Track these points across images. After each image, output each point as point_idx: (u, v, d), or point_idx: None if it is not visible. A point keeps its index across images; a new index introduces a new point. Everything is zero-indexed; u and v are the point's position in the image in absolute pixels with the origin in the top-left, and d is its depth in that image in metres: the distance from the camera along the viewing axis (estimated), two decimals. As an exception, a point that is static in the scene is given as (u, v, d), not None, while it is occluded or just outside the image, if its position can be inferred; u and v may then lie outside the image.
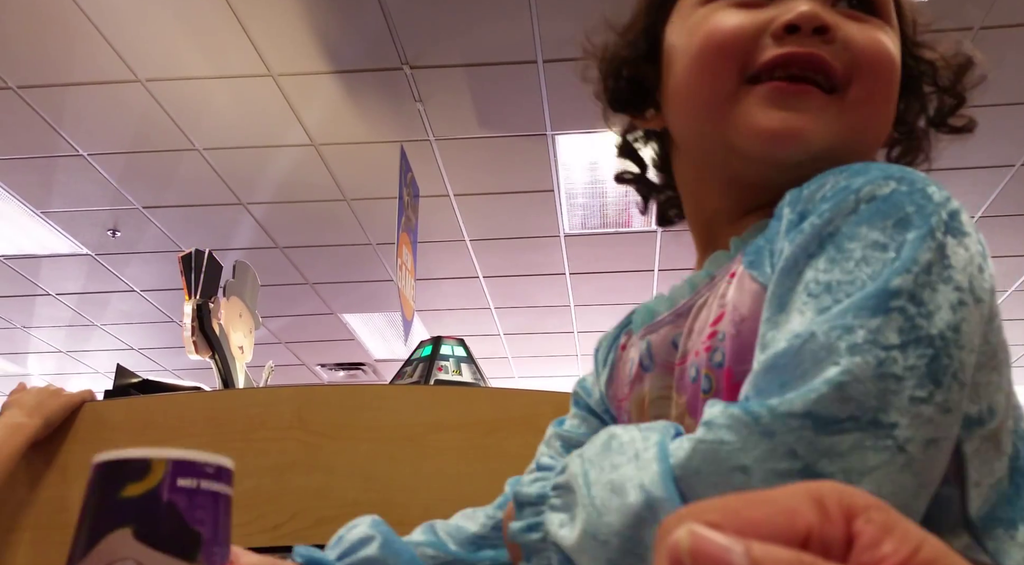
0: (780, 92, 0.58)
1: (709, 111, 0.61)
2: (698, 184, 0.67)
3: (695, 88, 0.62)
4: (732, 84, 0.59)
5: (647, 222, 4.65)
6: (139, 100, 3.61)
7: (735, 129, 0.59)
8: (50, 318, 5.77)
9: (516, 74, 3.48)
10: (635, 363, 0.64)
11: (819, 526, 0.23)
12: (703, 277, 0.60)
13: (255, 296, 1.97)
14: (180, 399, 1.25)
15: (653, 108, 0.69)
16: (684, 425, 0.56)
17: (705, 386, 0.55)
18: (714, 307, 0.57)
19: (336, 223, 4.66)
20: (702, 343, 0.56)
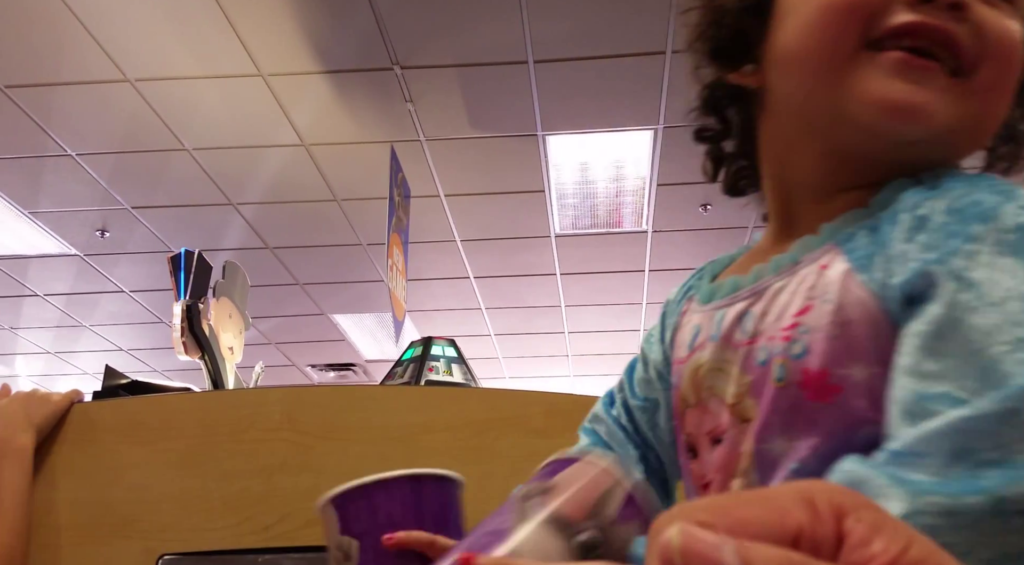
0: (906, 64, 0.54)
1: (824, 73, 0.57)
2: (788, 152, 0.63)
3: (812, 46, 0.58)
4: (852, 47, 0.56)
5: (637, 223, 4.66)
6: (128, 100, 3.59)
7: (851, 96, 0.56)
8: (38, 319, 5.74)
9: (507, 74, 3.48)
10: (700, 330, 0.62)
11: (809, 525, 0.23)
12: (787, 260, 0.58)
13: (245, 297, 1.96)
14: (170, 400, 1.25)
15: (752, 63, 0.65)
16: (743, 405, 0.56)
17: (779, 375, 0.53)
18: (798, 296, 0.55)
19: (326, 223, 4.65)
20: (780, 330, 0.54)
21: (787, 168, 0.64)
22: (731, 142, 0.72)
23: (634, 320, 5.99)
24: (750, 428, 0.55)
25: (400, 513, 0.60)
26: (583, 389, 7.17)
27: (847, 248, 0.54)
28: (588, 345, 6.41)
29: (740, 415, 0.56)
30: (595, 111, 3.71)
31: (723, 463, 0.57)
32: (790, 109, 0.62)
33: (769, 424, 0.54)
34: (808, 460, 0.51)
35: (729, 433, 0.57)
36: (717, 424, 0.59)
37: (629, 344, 6.39)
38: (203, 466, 1.15)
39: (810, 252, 0.57)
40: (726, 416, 0.57)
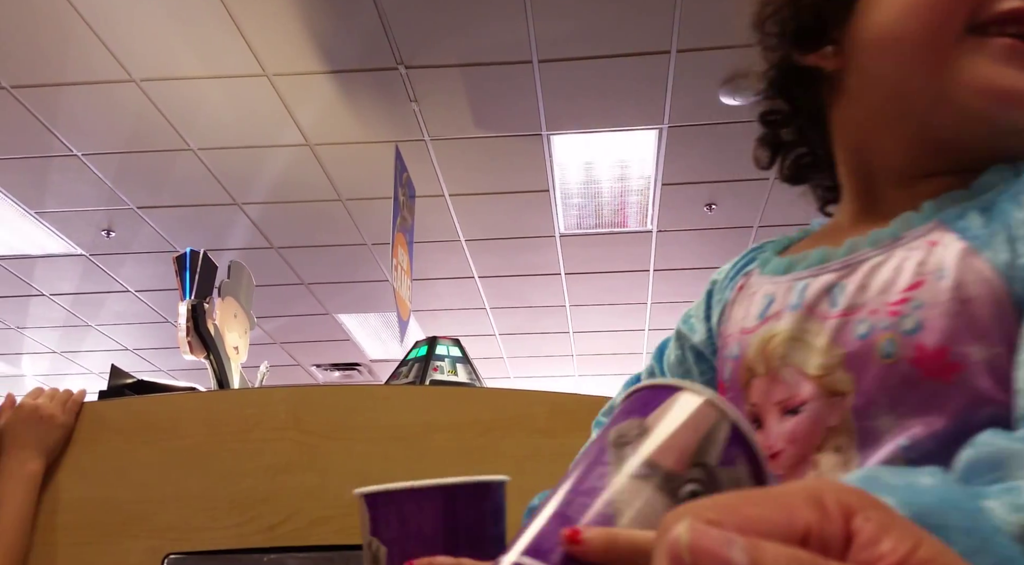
0: (1015, 51, 0.54)
1: (927, 56, 0.56)
2: (871, 136, 0.62)
3: (915, 29, 0.57)
4: (957, 31, 0.55)
5: (642, 222, 4.65)
6: (133, 100, 3.60)
7: (957, 81, 0.55)
8: (44, 318, 5.75)
9: (511, 74, 3.48)
10: (775, 300, 0.61)
11: (818, 524, 0.23)
12: (887, 235, 0.57)
13: (250, 296, 1.97)
14: (175, 400, 1.25)
15: (832, 45, 0.63)
16: (833, 378, 0.55)
17: (887, 350, 0.52)
18: (906, 271, 0.54)
19: (331, 223, 4.65)
20: (886, 305, 0.54)
21: (869, 152, 0.63)
22: (790, 129, 0.70)
23: (639, 320, 5.98)
24: (843, 402, 0.54)
25: (431, 526, 0.56)
26: (588, 389, 7.17)
27: (959, 227, 0.53)
28: (593, 345, 6.41)
29: (828, 388, 0.55)
30: (599, 110, 3.71)
31: (801, 435, 0.56)
32: (881, 92, 0.61)
33: (873, 400, 0.53)
34: (922, 439, 0.50)
35: (811, 405, 0.56)
36: (793, 394, 0.57)
37: (634, 343, 6.38)
38: (209, 465, 1.15)
39: (913, 229, 0.56)
40: (808, 387, 0.56)
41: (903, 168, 0.60)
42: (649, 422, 0.42)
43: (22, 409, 1.16)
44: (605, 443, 0.42)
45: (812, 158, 0.70)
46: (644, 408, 0.42)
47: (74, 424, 1.17)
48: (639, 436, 0.41)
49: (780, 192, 4.31)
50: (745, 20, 0.70)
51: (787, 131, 0.71)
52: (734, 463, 0.42)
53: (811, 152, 0.70)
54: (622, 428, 0.42)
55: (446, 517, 0.56)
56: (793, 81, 0.68)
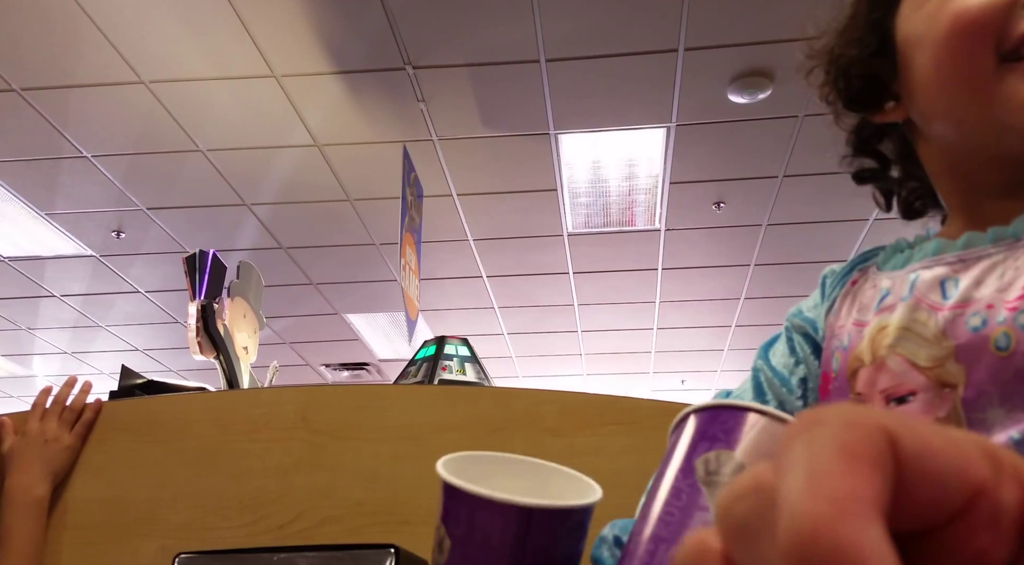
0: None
1: (970, 93, 0.59)
2: (961, 164, 0.65)
3: (949, 72, 0.60)
4: (989, 62, 0.57)
5: (650, 221, 4.65)
6: (143, 101, 3.62)
7: (1006, 108, 0.57)
8: (55, 319, 5.79)
9: (519, 74, 3.48)
10: (890, 293, 0.63)
11: (993, 484, 0.19)
12: (1008, 234, 0.58)
13: (259, 296, 1.97)
14: (185, 400, 1.25)
15: (892, 101, 0.68)
16: (944, 369, 0.55)
17: (1002, 344, 0.53)
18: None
19: (340, 223, 4.66)
20: (1005, 301, 0.54)
21: (965, 175, 0.65)
22: (895, 170, 0.74)
23: (647, 318, 5.97)
24: (954, 394, 0.55)
25: (499, 540, 0.53)
26: (596, 387, 7.16)
27: None
28: (601, 344, 6.40)
29: (940, 379, 0.56)
30: (607, 109, 3.71)
31: None
32: (948, 131, 0.64)
33: (985, 392, 0.53)
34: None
35: (923, 396, 0.56)
36: (900, 383, 0.58)
37: (642, 342, 6.38)
38: (218, 465, 1.15)
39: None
40: (918, 378, 0.57)
41: (1002, 182, 0.62)
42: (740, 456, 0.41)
43: (27, 433, 1.14)
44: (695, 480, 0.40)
45: (922, 191, 0.73)
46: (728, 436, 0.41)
47: (81, 447, 1.16)
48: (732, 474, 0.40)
49: (789, 190, 4.30)
50: (751, 18, 0.72)
51: (886, 181, 0.74)
52: None
53: (921, 186, 0.72)
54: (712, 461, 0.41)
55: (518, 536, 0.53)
56: (874, 138, 0.72)
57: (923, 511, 0.18)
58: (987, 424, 0.53)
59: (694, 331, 6.15)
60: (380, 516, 1.11)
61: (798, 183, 4.18)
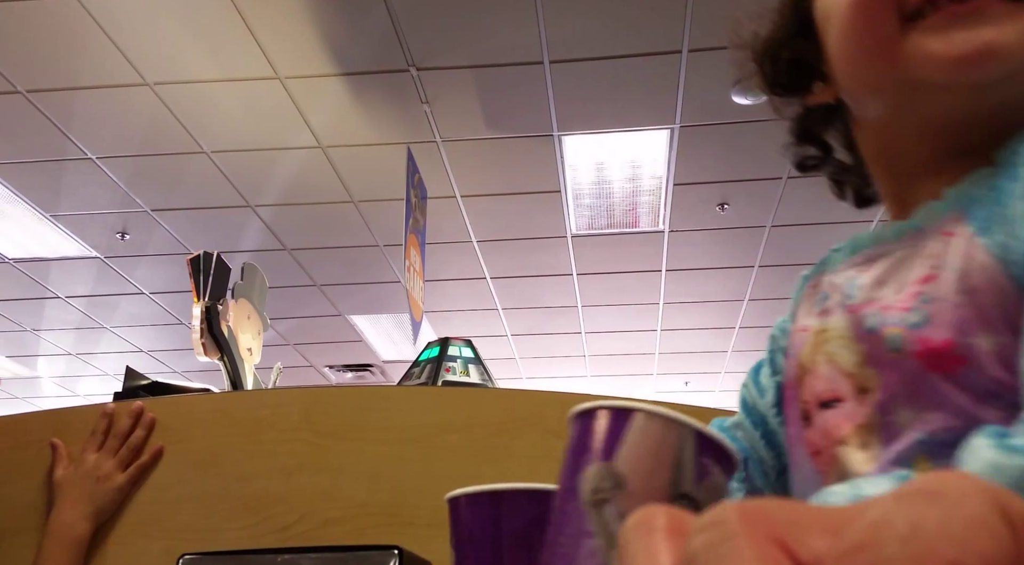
0: (952, 15, 0.53)
1: (879, 57, 0.57)
2: (886, 143, 0.63)
3: (856, 42, 0.59)
4: (893, 25, 0.55)
5: (654, 222, 4.65)
6: (147, 103, 3.63)
7: (912, 64, 0.54)
8: (59, 321, 5.80)
9: (522, 75, 3.48)
10: (830, 296, 0.62)
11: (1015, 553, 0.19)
12: (910, 227, 0.56)
13: (263, 298, 1.98)
14: (189, 401, 1.26)
15: (820, 81, 0.66)
16: (862, 374, 0.54)
17: (894, 345, 0.52)
18: (921, 265, 0.53)
19: (344, 225, 4.67)
20: (898, 299, 0.53)
21: (894, 156, 0.63)
22: (845, 157, 0.72)
23: (651, 320, 5.97)
24: (870, 399, 0.54)
25: (480, 529, 0.57)
26: (600, 389, 7.16)
27: (971, 213, 0.52)
28: (605, 345, 6.40)
29: (859, 384, 0.55)
30: (611, 111, 3.71)
31: (832, 430, 0.56)
32: (868, 102, 0.62)
33: (894, 395, 0.52)
34: (937, 432, 0.49)
35: (847, 403, 0.55)
36: (828, 388, 0.57)
37: (646, 344, 6.37)
38: (222, 466, 1.16)
39: (934, 219, 0.55)
40: (844, 384, 0.56)
41: (927, 158, 0.60)
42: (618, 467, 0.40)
43: (81, 464, 1.12)
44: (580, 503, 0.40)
45: (870, 179, 0.71)
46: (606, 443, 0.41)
47: (130, 488, 1.14)
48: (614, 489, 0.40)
49: (793, 191, 4.30)
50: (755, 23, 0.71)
51: (832, 168, 0.73)
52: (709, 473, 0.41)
53: (867, 174, 0.70)
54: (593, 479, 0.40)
55: (494, 522, 0.57)
56: (818, 124, 0.70)
57: None
58: (899, 427, 0.52)
59: (698, 333, 6.14)
60: (383, 517, 1.11)
61: (802, 184, 4.18)
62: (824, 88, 0.66)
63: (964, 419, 0.48)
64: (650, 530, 0.23)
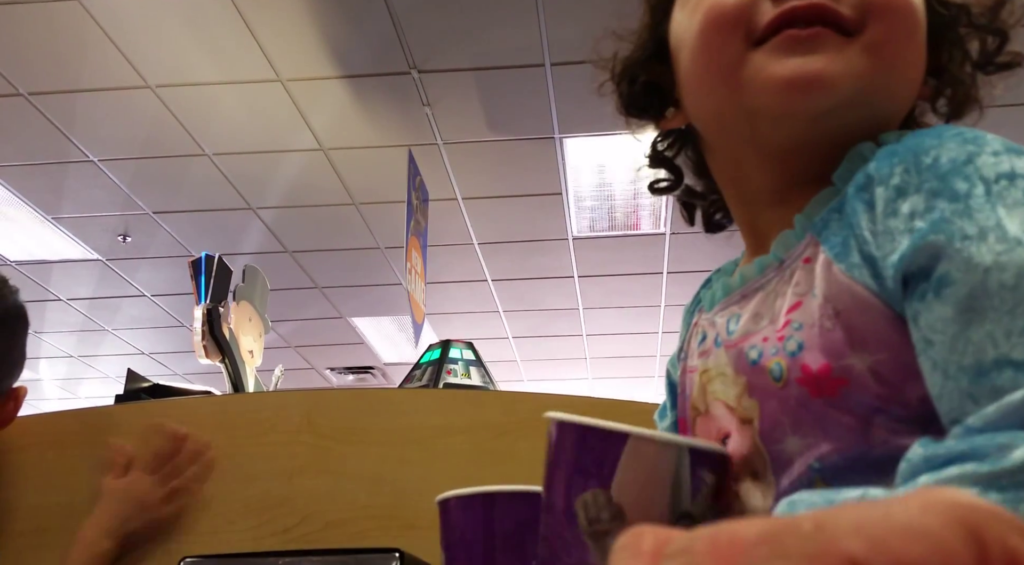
0: (790, 39, 0.54)
1: (721, 83, 0.58)
2: (734, 169, 0.64)
3: (702, 66, 0.60)
4: (738, 52, 0.56)
5: (655, 225, 4.64)
6: (149, 106, 3.63)
7: (750, 90, 0.56)
8: (61, 323, 5.80)
9: (524, 78, 3.49)
10: (707, 337, 0.62)
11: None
12: (772, 259, 0.57)
13: (265, 300, 1.98)
14: (190, 403, 1.26)
15: (673, 107, 0.67)
16: (742, 406, 0.55)
17: (777, 374, 0.52)
18: (788, 294, 0.54)
19: (345, 227, 4.67)
20: (775, 330, 0.53)
21: (743, 184, 0.64)
22: (696, 183, 0.73)
23: (652, 322, 5.96)
24: (751, 429, 0.54)
25: (472, 531, 0.58)
26: (601, 392, 7.16)
27: (824, 237, 0.53)
28: (606, 348, 6.40)
29: (741, 417, 0.55)
30: (612, 113, 3.70)
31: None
32: (713, 130, 0.64)
33: (777, 424, 0.52)
34: (830, 456, 0.50)
35: (734, 437, 0.56)
36: (720, 427, 0.58)
37: (648, 347, 6.37)
38: (223, 468, 1.15)
39: (791, 248, 0.56)
40: (731, 420, 0.56)
41: (772, 187, 0.61)
42: (616, 497, 0.40)
43: (135, 483, 1.10)
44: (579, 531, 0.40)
45: (719, 204, 0.72)
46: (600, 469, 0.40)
47: (167, 522, 1.11)
48: (613, 520, 0.40)
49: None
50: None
51: (683, 192, 0.74)
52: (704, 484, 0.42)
53: (717, 199, 0.72)
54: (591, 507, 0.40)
55: (486, 523, 0.57)
56: (669, 147, 0.72)
57: None
58: (787, 454, 0.52)
59: (699, 335, 6.14)
60: (385, 520, 1.11)
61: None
62: (676, 114, 0.67)
63: (852, 440, 0.49)
64: (635, 554, 0.23)
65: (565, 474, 0.42)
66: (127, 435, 1.17)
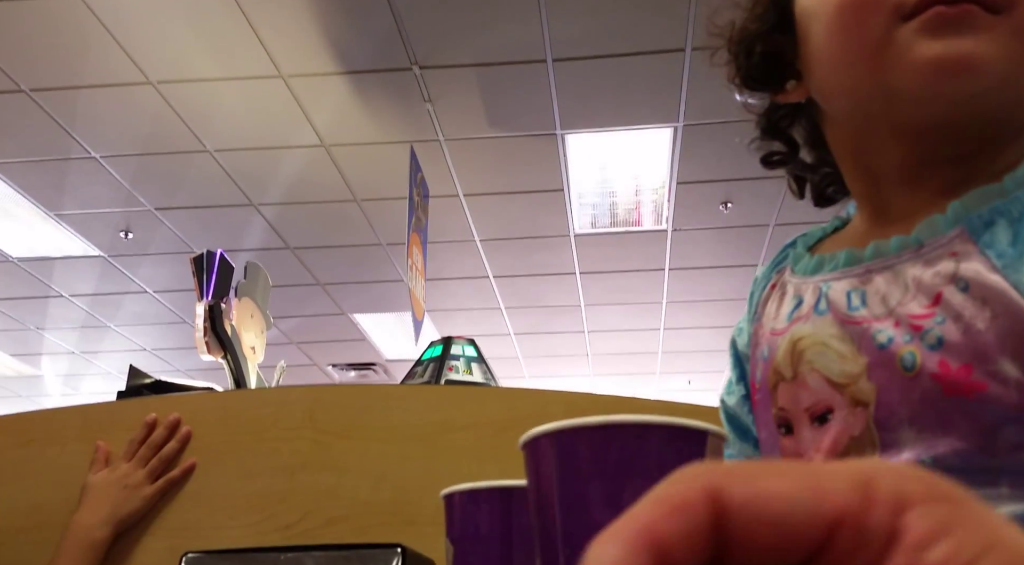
0: (939, 18, 0.51)
1: (861, 60, 0.56)
2: (864, 145, 0.61)
3: (840, 41, 0.57)
4: (882, 27, 0.54)
5: (657, 221, 4.64)
6: (150, 102, 3.63)
7: (894, 70, 0.53)
8: (63, 319, 5.81)
9: (526, 74, 3.48)
10: (803, 302, 0.60)
11: (855, 513, 0.18)
12: (912, 242, 0.55)
13: (267, 297, 1.98)
14: (193, 399, 1.26)
15: (794, 79, 0.65)
16: (857, 387, 0.53)
17: (909, 364, 0.51)
18: (930, 283, 0.52)
19: (346, 224, 4.67)
20: (909, 317, 0.52)
21: (866, 156, 0.62)
22: (807, 155, 0.70)
23: (654, 319, 5.96)
24: (867, 413, 0.53)
25: (487, 524, 0.57)
26: (603, 388, 7.16)
27: (984, 240, 0.51)
28: (608, 344, 6.40)
29: (854, 397, 0.54)
30: (614, 109, 3.70)
31: (828, 444, 0.55)
32: (844, 106, 0.61)
33: (894, 412, 0.51)
34: (945, 456, 0.49)
35: (839, 414, 0.54)
36: (818, 400, 0.56)
37: (649, 343, 6.37)
38: (225, 465, 1.16)
39: (937, 236, 0.53)
40: (835, 396, 0.55)
41: (903, 166, 0.59)
42: None
43: (113, 471, 1.12)
44: None
45: (835, 177, 0.69)
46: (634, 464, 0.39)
47: (157, 499, 1.13)
48: None
49: (796, 190, 4.29)
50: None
51: (796, 165, 0.71)
52: None
53: (834, 172, 0.69)
54: None
55: (503, 517, 0.57)
56: (784, 120, 0.69)
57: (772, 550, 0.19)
58: (899, 444, 0.51)
59: (701, 331, 6.13)
60: (386, 516, 1.11)
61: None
62: (797, 86, 0.65)
63: (975, 444, 0.48)
64: None
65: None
66: (130, 431, 1.17)
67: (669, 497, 0.19)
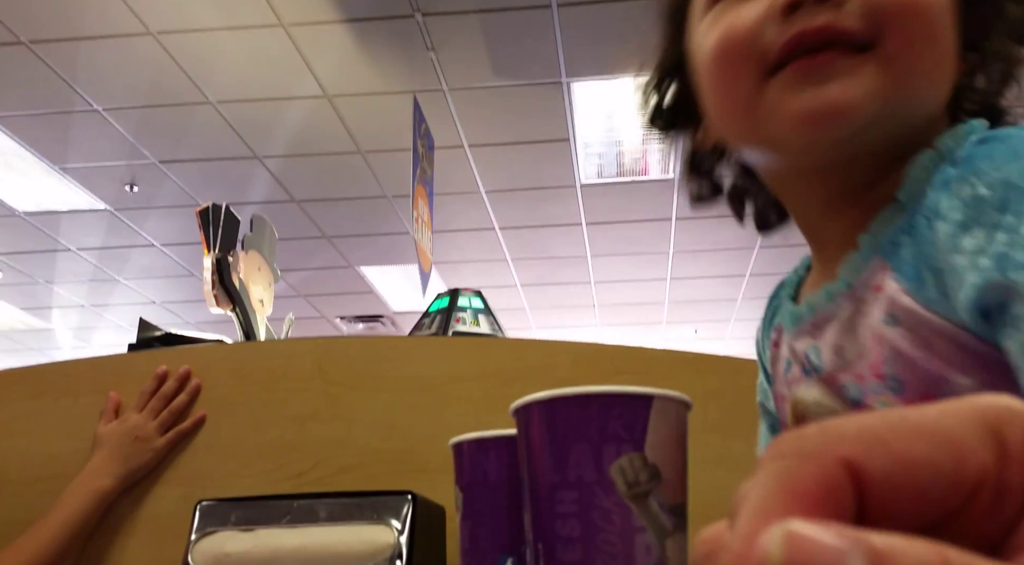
0: (802, 69, 0.52)
1: (739, 115, 0.56)
2: (776, 185, 0.62)
3: (720, 97, 0.58)
4: (753, 82, 0.54)
5: (664, 170, 4.60)
6: (151, 53, 3.58)
7: (768, 125, 0.54)
8: (72, 273, 5.84)
9: (530, 19, 3.42)
10: (792, 364, 0.60)
11: (995, 469, 0.17)
12: (840, 288, 0.55)
13: (273, 250, 1.98)
14: (203, 351, 1.27)
15: (699, 124, 0.66)
16: None
17: None
18: (869, 327, 0.52)
19: (351, 176, 4.65)
20: (868, 367, 0.52)
21: (787, 197, 0.63)
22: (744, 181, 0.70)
23: (661, 269, 5.96)
24: None
25: (495, 472, 0.59)
26: (610, 338, 7.18)
27: (894, 262, 0.51)
28: (615, 295, 6.40)
29: None
30: (621, 55, 3.64)
31: None
32: (744, 153, 0.62)
33: None
34: None
35: None
36: None
37: (656, 293, 6.37)
38: (237, 415, 1.17)
39: (859, 273, 0.54)
40: None
41: (818, 201, 0.59)
42: (649, 456, 0.42)
43: (124, 422, 1.13)
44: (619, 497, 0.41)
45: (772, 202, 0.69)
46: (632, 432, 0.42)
47: (167, 451, 1.15)
48: (651, 481, 0.41)
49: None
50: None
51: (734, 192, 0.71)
52: None
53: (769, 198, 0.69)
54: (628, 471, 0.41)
55: (510, 464, 0.58)
56: (704, 160, 0.69)
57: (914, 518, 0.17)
58: None
59: (708, 281, 6.13)
60: (396, 464, 1.13)
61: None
62: (704, 130, 0.65)
63: None
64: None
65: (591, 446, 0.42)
66: (140, 383, 1.18)
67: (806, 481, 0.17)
